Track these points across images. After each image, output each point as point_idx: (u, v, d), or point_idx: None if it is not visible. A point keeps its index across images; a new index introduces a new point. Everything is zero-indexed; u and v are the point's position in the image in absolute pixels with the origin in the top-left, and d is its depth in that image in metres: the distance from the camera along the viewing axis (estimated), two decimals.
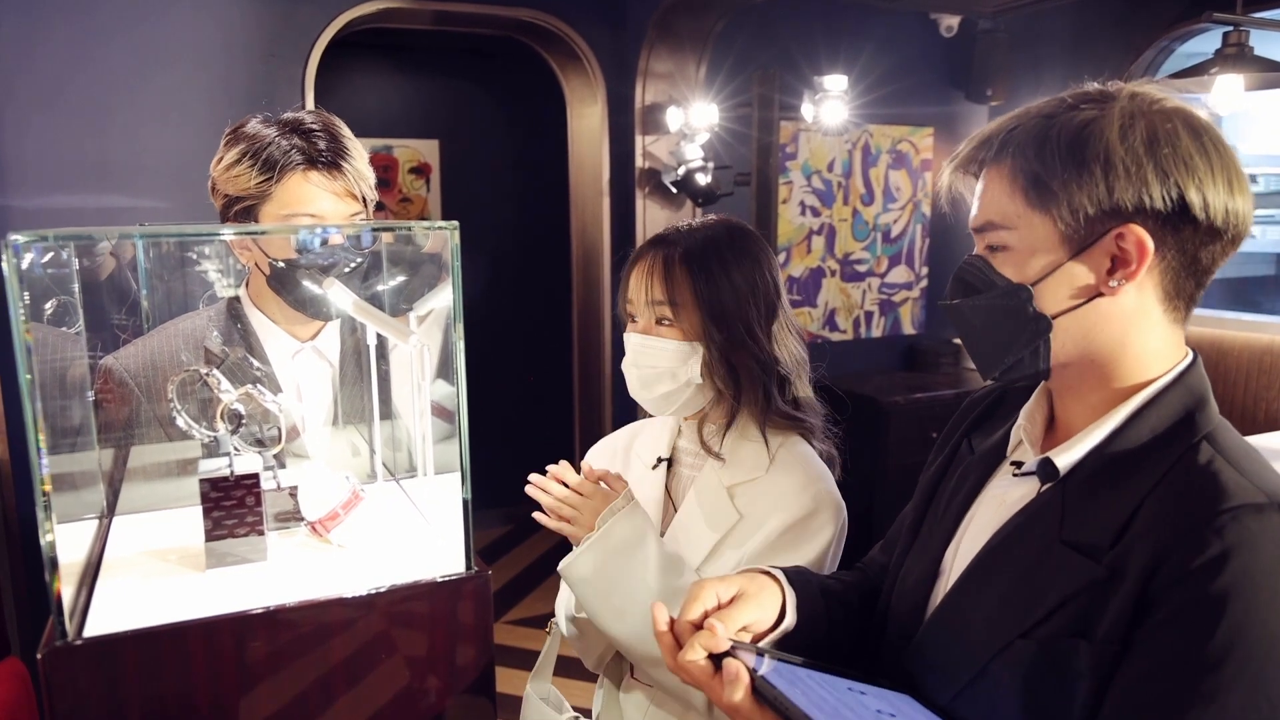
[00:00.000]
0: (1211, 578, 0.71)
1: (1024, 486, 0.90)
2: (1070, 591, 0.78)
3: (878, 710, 0.82)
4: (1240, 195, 0.80)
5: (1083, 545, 0.79)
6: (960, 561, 0.91)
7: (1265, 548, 0.72)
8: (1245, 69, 2.22)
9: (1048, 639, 0.79)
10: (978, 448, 1.01)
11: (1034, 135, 0.82)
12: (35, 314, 0.91)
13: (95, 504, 1.14)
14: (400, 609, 0.94)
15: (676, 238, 1.29)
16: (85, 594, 0.93)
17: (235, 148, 1.29)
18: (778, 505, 1.24)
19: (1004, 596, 0.84)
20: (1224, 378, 3.47)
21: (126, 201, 2.82)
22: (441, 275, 1.22)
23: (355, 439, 1.38)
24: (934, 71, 4.21)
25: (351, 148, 1.32)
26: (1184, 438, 0.80)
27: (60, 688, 0.82)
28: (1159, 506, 0.77)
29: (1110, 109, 0.80)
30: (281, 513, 1.10)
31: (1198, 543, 0.72)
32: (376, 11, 3.15)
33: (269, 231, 1.29)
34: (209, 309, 1.39)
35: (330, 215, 1.29)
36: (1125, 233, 0.79)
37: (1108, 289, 0.81)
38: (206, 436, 1.04)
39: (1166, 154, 0.78)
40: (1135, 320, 0.82)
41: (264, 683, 0.88)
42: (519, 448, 4.22)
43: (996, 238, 0.85)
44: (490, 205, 4.75)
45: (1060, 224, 0.81)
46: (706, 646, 0.83)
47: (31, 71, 2.68)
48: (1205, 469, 0.77)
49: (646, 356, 1.27)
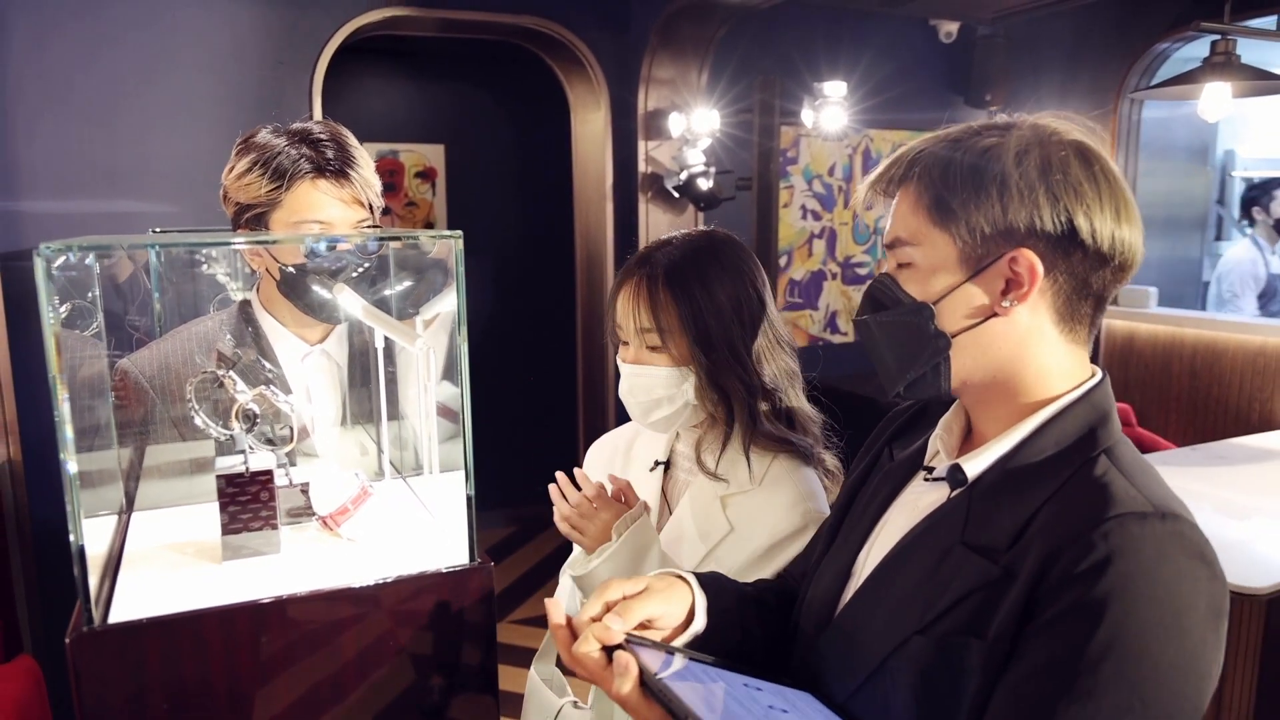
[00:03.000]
0: (1094, 581, 0.74)
1: (935, 492, 0.93)
2: (965, 590, 0.82)
3: (769, 706, 0.84)
4: (1127, 224, 0.84)
5: (981, 547, 0.83)
6: (870, 564, 0.94)
7: (1145, 553, 0.75)
8: (1233, 77, 2.26)
9: (942, 636, 0.82)
10: (898, 455, 1.04)
11: (940, 157, 0.87)
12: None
13: (115, 500, 1.19)
14: (407, 598, 0.98)
15: (659, 258, 1.29)
16: (109, 584, 0.98)
17: (246, 157, 1.33)
18: (767, 520, 1.26)
19: (906, 595, 0.87)
20: (1218, 379, 3.51)
21: (136, 206, 2.87)
22: (447, 280, 1.27)
23: (363, 438, 1.43)
24: (933, 77, 4.25)
25: (358, 156, 1.37)
26: (1084, 451, 0.84)
27: (87, 671, 0.86)
28: (1054, 513, 0.80)
29: (1009, 136, 0.85)
30: (294, 508, 1.14)
31: (1084, 547, 0.76)
32: (383, 19, 3.20)
33: (281, 240, 1.34)
34: (221, 313, 1.44)
35: (338, 222, 1.34)
36: (1018, 256, 0.83)
37: (1001, 309, 0.85)
38: (223, 435, 1.09)
39: (1058, 180, 0.82)
40: (1030, 339, 0.86)
41: (277, 668, 0.93)
42: (524, 450, 4.27)
43: (904, 255, 0.89)
44: (495, 209, 4.80)
45: (959, 242, 0.85)
46: (600, 638, 0.86)
47: (42, 77, 2.74)
48: (1099, 479, 0.81)
49: (641, 386, 1.29)
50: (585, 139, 3.93)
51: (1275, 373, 3.33)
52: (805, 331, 4.18)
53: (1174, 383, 3.67)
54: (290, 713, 0.94)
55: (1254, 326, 3.44)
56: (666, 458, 1.39)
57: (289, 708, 0.94)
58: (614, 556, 1.19)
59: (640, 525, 1.21)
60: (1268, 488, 2.60)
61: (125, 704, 0.88)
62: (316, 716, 0.96)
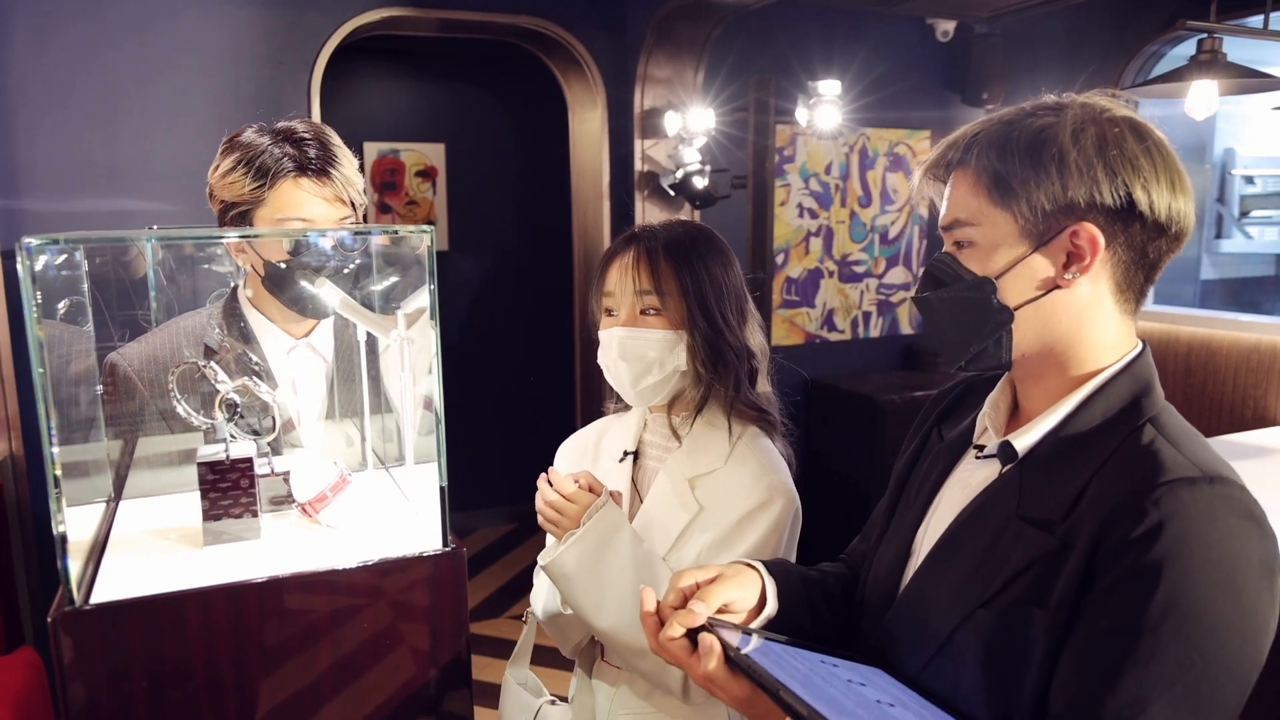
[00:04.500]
0: (1148, 546, 0.78)
1: (986, 469, 0.97)
2: (1025, 562, 0.85)
3: (848, 680, 0.88)
4: (1182, 195, 0.88)
5: (1037, 520, 0.86)
6: (929, 542, 0.98)
7: (1196, 516, 0.78)
8: (1219, 75, 2.27)
9: (1005, 608, 0.86)
10: (946, 436, 1.08)
11: (996, 139, 0.89)
12: (49, 313, 0.99)
13: (103, 489, 1.22)
14: (381, 581, 1.01)
15: (653, 233, 1.34)
16: (93, 567, 1.01)
17: (231, 156, 1.36)
18: (735, 496, 1.30)
19: (967, 571, 0.90)
20: (1213, 376, 3.52)
21: (136, 205, 2.91)
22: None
23: (349, 430, 1.46)
24: (930, 75, 4.27)
25: (340, 155, 1.40)
26: (1130, 420, 0.87)
27: (69, 649, 0.90)
28: (1105, 483, 0.84)
29: (1064, 116, 0.88)
30: (275, 497, 1.18)
31: (1136, 514, 0.79)
32: (381, 19, 3.24)
33: (265, 235, 1.37)
34: (210, 307, 1.47)
35: (320, 219, 1.37)
36: (1079, 229, 0.86)
37: (1064, 282, 0.88)
38: (204, 424, 1.12)
39: (1114, 155, 0.86)
40: (1089, 311, 0.90)
41: (254, 646, 0.96)
42: (522, 447, 4.30)
43: (963, 234, 0.92)
44: (495, 207, 4.83)
45: (1020, 220, 0.88)
46: (684, 624, 0.90)
47: (43, 77, 2.77)
48: (1147, 448, 0.84)
49: (635, 348, 1.31)
50: (582, 138, 3.96)
51: (1269, 370, 3.34)
52: (802, 329, 4.20)
53: (1168, 380, 3.68)
54: (266, 690, 0.98)
55: (1248, 324, 3.44)
56: (635, 448, 1.41)
57: (265, 685, 0.97)
58: (579, 541, 1.22)
59: (605, 511, 1.24)
60: (1263, 484, 2.61)
61: (106, 681, 0.91)
62: (292, 694, 0.99)
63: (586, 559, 1.22)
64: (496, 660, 3.53)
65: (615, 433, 1.45)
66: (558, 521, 1.28)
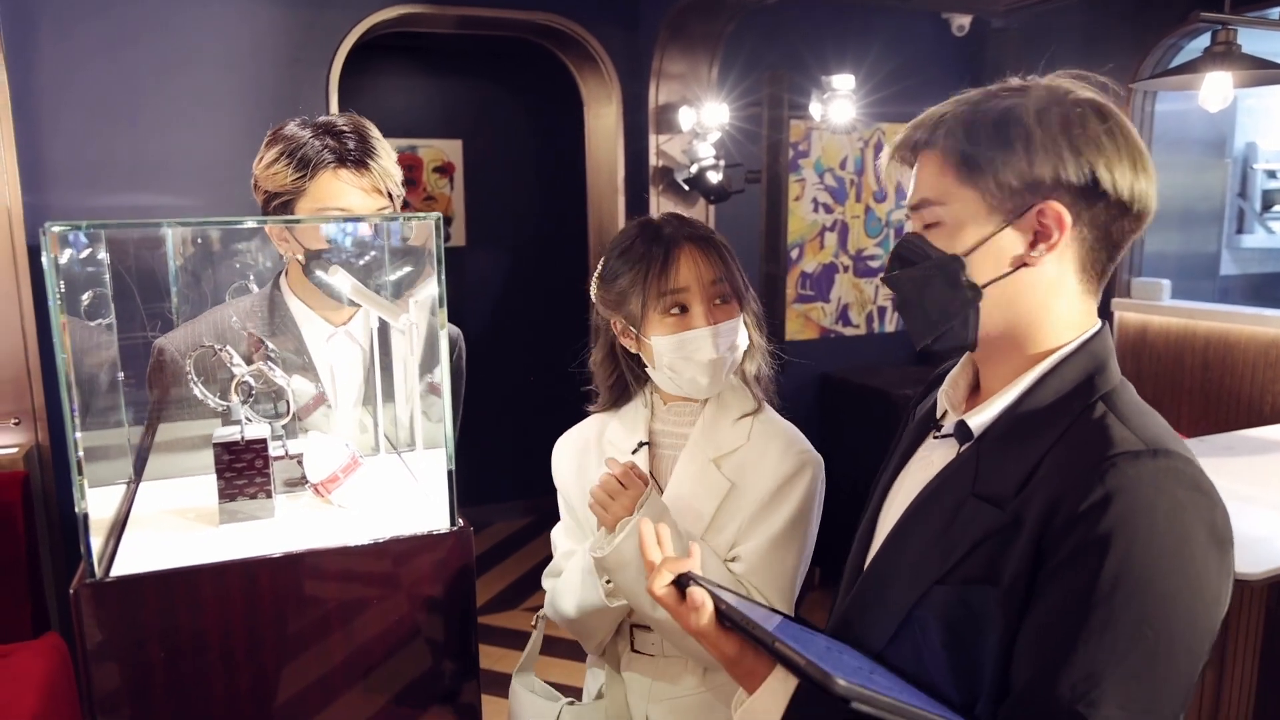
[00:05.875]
0: (1096, 520, 0.79)
1: (946, 448, 0.98)
2: (978, 537, 0.87)
3: (826, 646, 0.90)
4: (1144, 175, 0.89)
5: (991, 496, 0.88)
6: (891, 520, 1.00)
7: (1143, 490, 0.79)
8: (1233, 66, 2.26)
9: (960, 584, 0.87)
10: (918, 417, 1.10)
11: (962, 119, 0.91)
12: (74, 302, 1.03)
13: (125, 471, 1.26)
14: (390, 558, 1.04)
15: (689, 225, 1.36)
16: (113, 543, 1.05)
17: (274, 148, 1.42)
18: (767, 469, 1.33)
19: (925, 548, 0.92)
20: (1230, 371, 3.50)
21: (158, 200, 2.96)
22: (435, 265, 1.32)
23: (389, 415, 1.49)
24: (946, 70, 4.26)
25: (379, 148, 1.44)
26: (1083, 397, 0.89)
27: (90, 620, 0.93)
28: (1056, 459, 0.85)
29: (1028, 96, 0.89)
30: (290, 479, 1.21)
31: (1084, 489, 0.80)
32: (398, 16, 3.28)
33: (274, 221, 1.41)
34: (252, 295, 1.52)
35: (359, 209, 1.42)
36: (1045, 207, 0.88)
37: (1031, 260, 0.89)
38: (220, 406, 1.16)
39: (1078, 134, 0.87)
40: (1053, 290, 0.91)
41: (266, 619, 1.00)
42: (537, 442, 4.31)
43: (931, 214, 0.93)
44: (511, 202, 4.87)
45: (988, 197, 0.89)
46: (672, 569, 0.94)
47: (65, 74, 2.83)
48: (1098, 423, 0.86)
49: (727, 339, 1.31)
50: (598, 133, 3.98)
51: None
52: (817, 324, 4.21)
53: (1186, 375, 3.66)
54: (278, 661, 1.01)
55: (1267, 318, 3.42)
56: (647, 439, 1.41)
57: (277, 657, 1.01)
58: (632, 533, 1.22)
59: (652, 500, 1.26)
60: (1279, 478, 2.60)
61: (124, 651, 0.95)
62: (303, 665, 1.02)
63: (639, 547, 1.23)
64: (511, 651, 3.57)
65: (618, 428, 1.44)
66: (606, 506, 1.28)
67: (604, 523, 1.29)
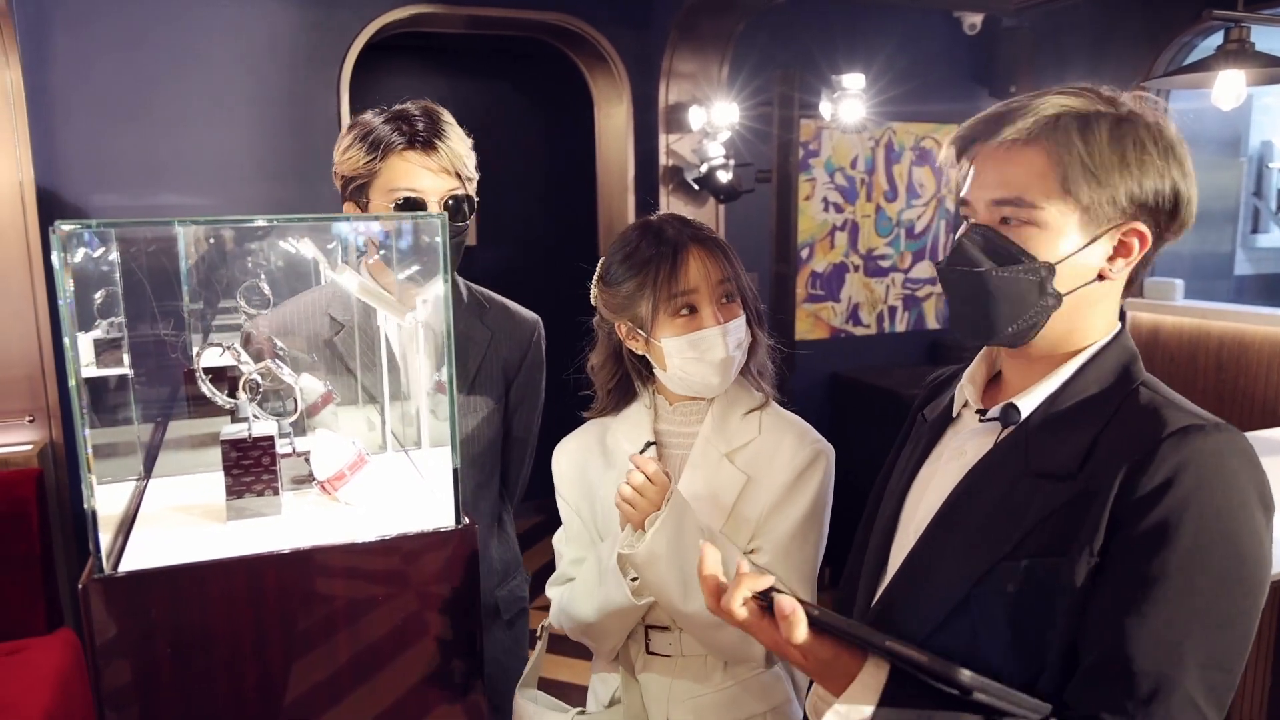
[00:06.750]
0: (1167, 491, 0.83)
1: (981, 437, 1.00)
2: (1046, 512, 0.88)
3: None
4: (1196, 194, 0.93)
5: (1052, 473, 0.90)
6: (922, 513, 1.00)
7: (1209, 459, 0.84)
8: (1247, 64, 2.25)
9: (1029, 558, 0.88)
10: (929, 419, 1.10)
11: (1079, 126, 0.89)
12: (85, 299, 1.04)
13: (137, 467, 1.27)
14: (396, 555, 1.05)
15: (691, 226, 1.36)
16: (122, 539, 1.06)
17: (349, 135, 1.49)
18: (783, 460, 1.34)
19: (980, 529, 0.92)
20: (1245, 371, 3.47)
21: (172, 199, 2.98)
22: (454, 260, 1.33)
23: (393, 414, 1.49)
24: (957, 69, 4.25)
25: (449, 130, 1.50)
26: (1124, 386, 0.93)
27: (99, 615, 0.94)
28: (1115, 438, 0.88)
29: (1139, 118, 0.91)
30: (297, 476, 1.22)
31: (1154, 463, 0.84)
32: (410, 16, 3.29)
33: (285, 221, 1.42)
34: (332, 282, 1.54)
35: (429, 190, 1.47)
36: (1136, 226, 0.91)
37: (1109, 273, 0.93)
38: (228, 403, 1.16)
39: (1175, 159, 0.91)
40: (1108, 296, 0.94)
41: (272, 615, 1.00)
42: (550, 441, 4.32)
43: (1021, 213, 0.91)
44: (521, 202, 4.88)
45: (1094, 209, 0.89)
46: (751, 587, 0.89)
47: (79, 72, 2.85)
48: (1148, 406, 0.90)
49: (736, 338, 1.32)
50: (608, 132, 3.99)
51: None
52: (827, 324, 4.20)
53: (1200, 375, 3.63)
54: (284, 656, 1.02)
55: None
56: (653, 439, 1.40)
57: (283, 652, 1.01)
58: (662, 527, 1.23)
59: (676, 496, 1.25)
60: None
61: (132, 646, 0.96)
62: (309, 660, 1.03)
63: (671, 542, 1.23)
64: None
65: (620, 430, 1.43)
66: (636, 504, 1.26)
67: (631, 520, 1.27)
